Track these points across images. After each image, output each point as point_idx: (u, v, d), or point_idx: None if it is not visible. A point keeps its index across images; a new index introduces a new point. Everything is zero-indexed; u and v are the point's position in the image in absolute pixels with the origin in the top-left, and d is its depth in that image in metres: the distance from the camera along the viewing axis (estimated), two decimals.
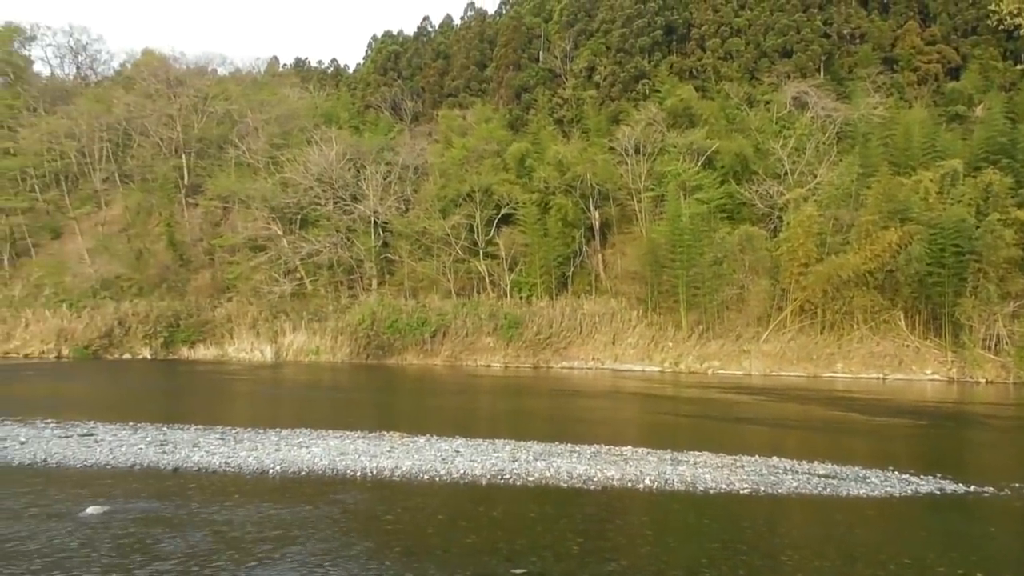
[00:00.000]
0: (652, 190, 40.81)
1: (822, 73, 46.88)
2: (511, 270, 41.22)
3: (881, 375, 31.32)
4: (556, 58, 53.99)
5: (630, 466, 12.64)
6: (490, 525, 9.70)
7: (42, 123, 55.23)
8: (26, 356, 40.81)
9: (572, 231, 41.08)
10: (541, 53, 56.00)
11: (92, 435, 15.21)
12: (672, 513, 10.54)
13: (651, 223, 40.18)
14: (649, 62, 50.53)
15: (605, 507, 10.64)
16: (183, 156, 52.70)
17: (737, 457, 13.58)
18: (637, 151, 41.42)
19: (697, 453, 13.93)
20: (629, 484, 11.60)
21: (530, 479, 11.83)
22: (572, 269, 41.37)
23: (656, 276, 37.56)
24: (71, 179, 55.85)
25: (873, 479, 12.20)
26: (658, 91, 47.61)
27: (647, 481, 11.68)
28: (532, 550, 8.62)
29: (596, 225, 42.29)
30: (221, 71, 64.69)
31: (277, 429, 16.18)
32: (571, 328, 37.81)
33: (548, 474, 12.08)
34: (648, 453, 13.91)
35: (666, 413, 22.32)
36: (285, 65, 72.64)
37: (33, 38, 68.43)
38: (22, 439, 14.64)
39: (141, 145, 54.01)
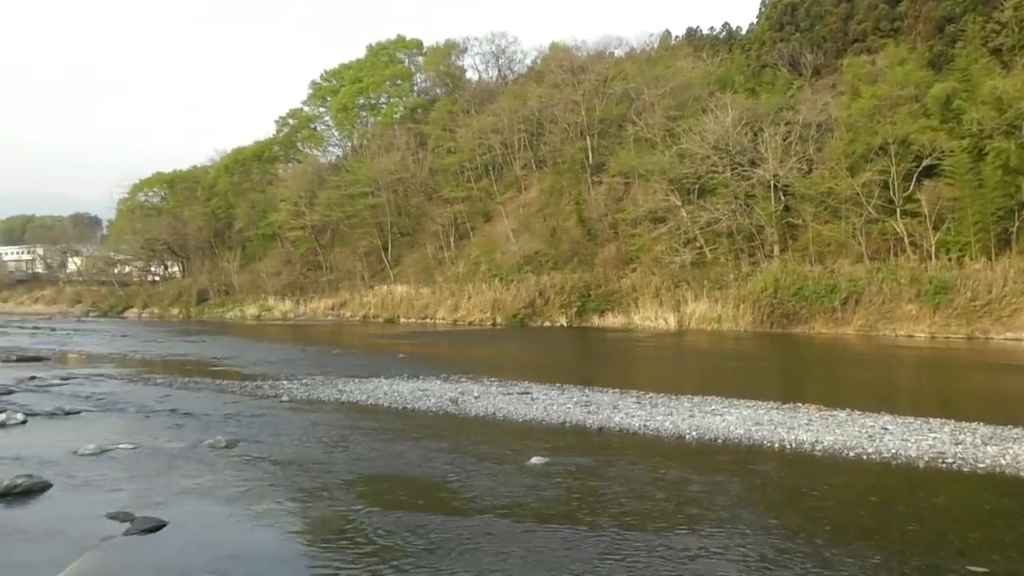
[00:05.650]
0: None
1: None
2: (936, 229, 36.42)
3: None
4: None
5: None
6: (934, 513, 8.76)
7: (473, 123, 64.23)
8: (470, 323, 48.19)
9: (1016, 179, 34.76)
10: None
11: (528, 393, 17.22)
12: None
13: None
14: None
15: None
16: (587, 138, 56.63)
17: None
18: None
19: None
20: None
21: (980, 466, 10.38)
22: (1017, 224, 35.09)
23: None
24: (496, 169, 64.18)
25: None
26: None
27: None
28: (991, 547, 7.57)
29: None
30: (618, 53, 67.62)
31: (688, 396, 16.55)
32: (1017, 293, 32.17)
33: (1003, 461, 10.46)
34: None
35: None
36: (677, 37, 73.10)
37: (465, 50, 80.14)
38: (475, 395, 17.15)
39: (551, 132, 59.49)
